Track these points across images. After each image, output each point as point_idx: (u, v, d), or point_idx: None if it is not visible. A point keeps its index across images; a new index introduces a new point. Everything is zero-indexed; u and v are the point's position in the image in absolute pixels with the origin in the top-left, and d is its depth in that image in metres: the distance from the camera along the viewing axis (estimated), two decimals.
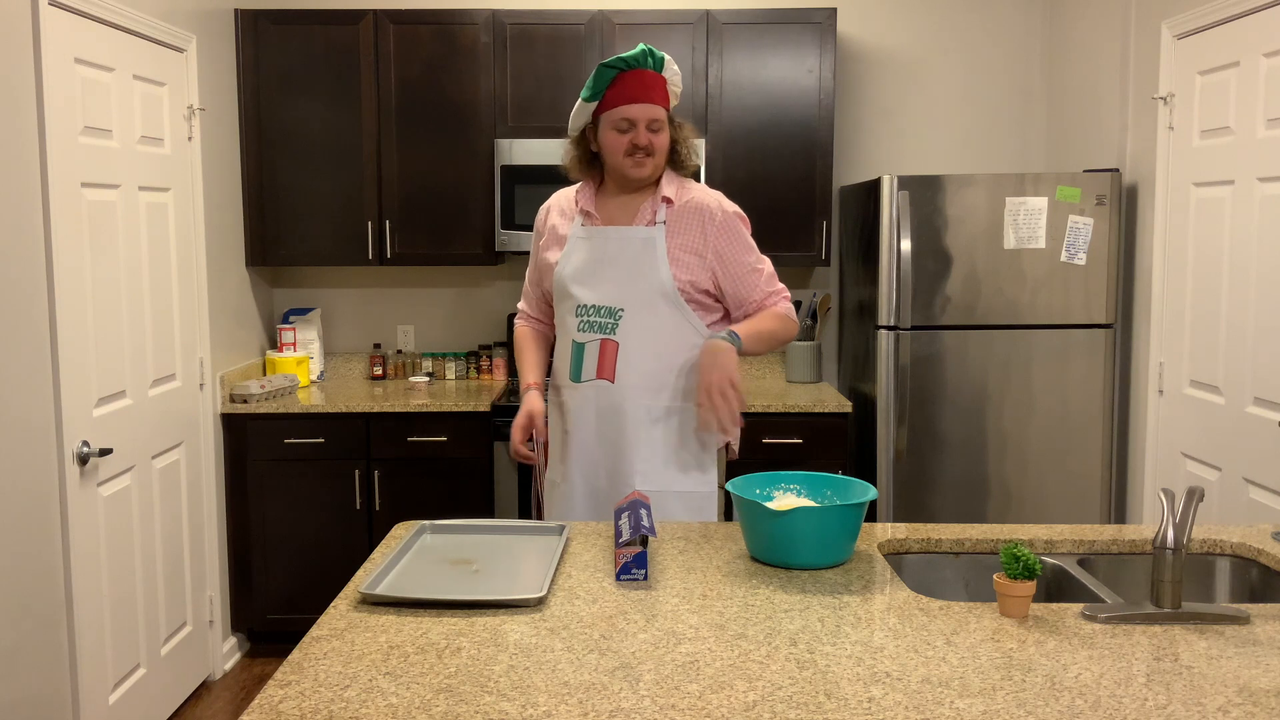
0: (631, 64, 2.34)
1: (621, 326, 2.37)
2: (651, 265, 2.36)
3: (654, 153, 2.37)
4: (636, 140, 2.34)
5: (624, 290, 2.37)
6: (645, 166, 2.37)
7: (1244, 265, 3.10)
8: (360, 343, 4.58)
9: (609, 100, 2.35)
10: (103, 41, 3.08)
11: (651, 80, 2.36)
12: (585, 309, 2.40)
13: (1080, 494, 3.80)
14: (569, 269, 2.42)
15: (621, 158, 2.36)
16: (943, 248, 3.72)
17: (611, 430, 2.40)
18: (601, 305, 2.38)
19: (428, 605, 1.71)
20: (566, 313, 2.44)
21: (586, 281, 2.40)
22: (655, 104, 2.35)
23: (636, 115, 2.33)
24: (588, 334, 2.40)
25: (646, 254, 2.37)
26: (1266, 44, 2.99)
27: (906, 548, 2.10)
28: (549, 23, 4.06)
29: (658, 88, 2.37)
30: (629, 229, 2.40)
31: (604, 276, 2.39)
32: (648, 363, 2.38)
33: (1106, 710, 1.35)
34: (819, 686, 1.42)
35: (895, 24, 4.44)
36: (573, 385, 2.43)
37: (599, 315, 2.38)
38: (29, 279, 2.71)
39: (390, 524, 3.89)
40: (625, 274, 2.38)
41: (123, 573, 3.18)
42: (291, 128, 4.12)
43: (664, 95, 2.39)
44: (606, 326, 2.38)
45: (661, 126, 2.37)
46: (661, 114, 2.37)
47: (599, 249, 2.40)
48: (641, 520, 1.88)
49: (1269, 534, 2.14)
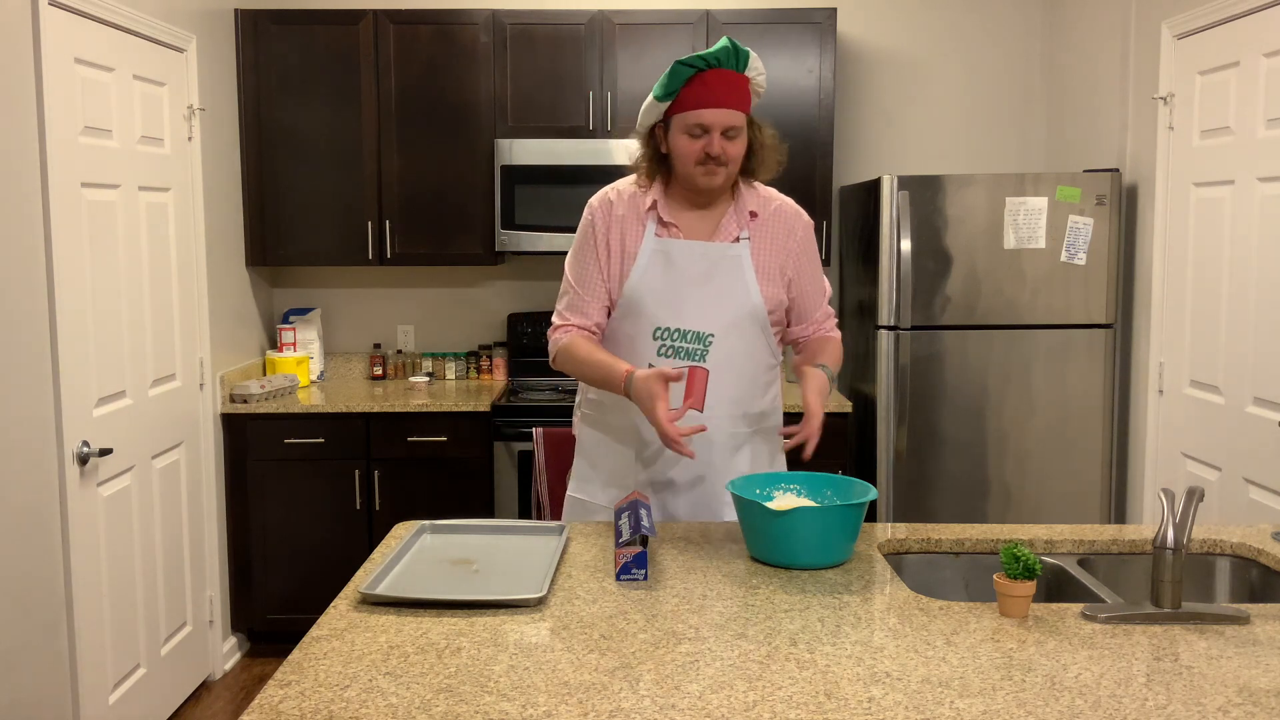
0: (712, 62, 2.11)
1: (712, 353, 2.18)
2: (742, 287, 2.20)
3: (728, 162, 2.15)
4: (710, 149, 2.12)
5: (712, 314, 2.19)
6: (717, 176, 2.15)
7: (1244, 265, 3.10)
8: (360, 343, 4.58)
9: (683, 100, 2.12)
10: (103, 41, 3.08)
11: (733, 81, 2.12)
12: (669, 333, 2.19)
13: (1080, 494, 3.80)
14: (645, 285, 2.19)
15: (692, 166, 2.15)
16: (943, 248, 3.72)
17: (699, 459, 2.18)
18: (689, 330, 2.18)
19: (428, 605, 1.71)
20: (638, 333, 2.21)
21: (669, 302, 2.19)
22: (734, 109, 2.12)
23: (712, 121, 2.11)
24: (672, 360, 2.19)
25: (735, 275, 2.20)
26: (1266, 44, 2.99)
27: (906, 548, 2.10)
28: (549, 23, 4.06)
29: (739, 90, 2.14)
30: (714, 245, 2.21)
31: (690, 298, 2.19)
32: (735, 390, 2.22)
33: (1106, 710, 1.35)
34: (819, 686, 1.42)
35: (895, 24, 4.44)
36: None
37: (685, 340, 2.18)
38: (29, 279, 2.71)
39: (390, 524, 3.89)
40: (713, 296, 2.19)
41: (123, 573, 3.18)
42: (291, 128, 4.12)
43: (745, 98, 2.15)
44: (695, 353, 2.18)
45: (739, 134, 2.14)
46: (740, 120, 2.14)
47: (683, 267, 2.19)
48: (641, 520, 1.88)
49: (1269, 534, 2.14)
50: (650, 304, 2.19)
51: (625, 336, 2.24)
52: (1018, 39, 4.43)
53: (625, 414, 2.24)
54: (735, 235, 2.22)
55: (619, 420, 2.28)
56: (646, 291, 2.20)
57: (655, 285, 2.19)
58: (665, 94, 2.14)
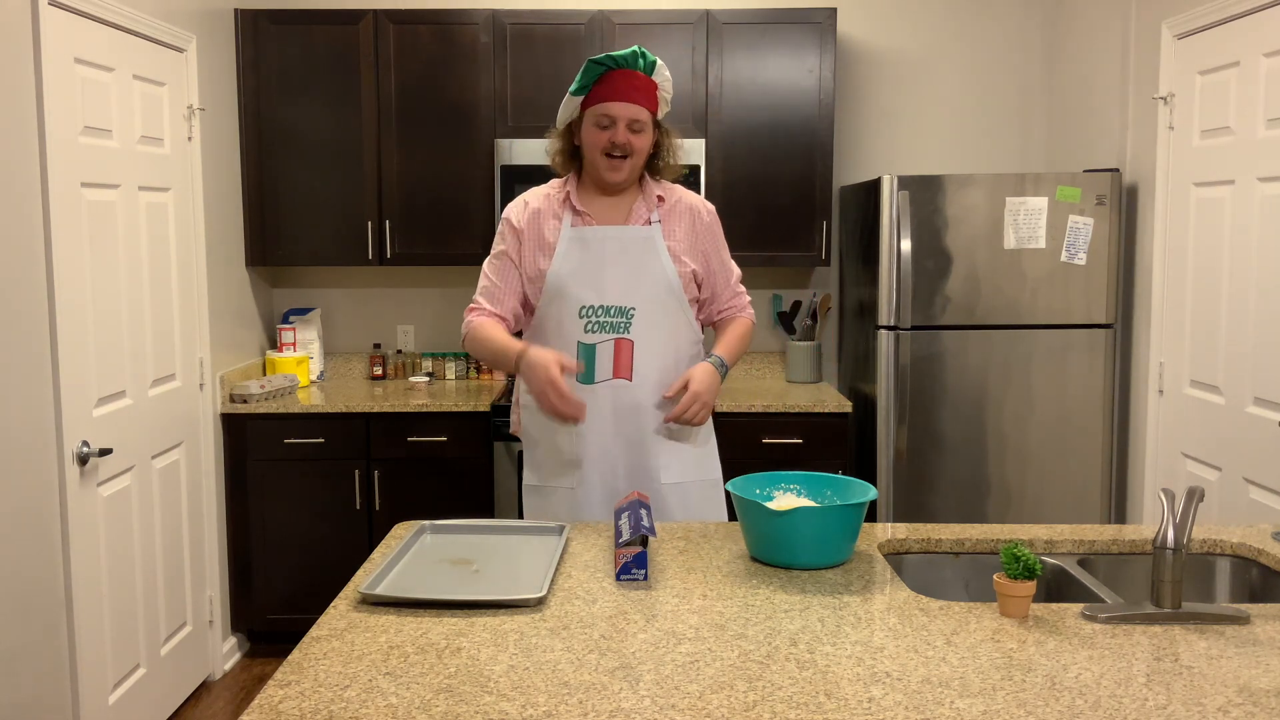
0: (621, 63, 2.32)
1: (634, 325, 2.37)
2: (656, 263, 2.39)
3: (631, 153, 2.35)
4: (615, 138, 2.32)
5: (632, 289, 2.37)
6: (620, 171, 2.36)
7: (1244, 265, 3.10)
8: (360, 343, 4.58)
9: (594, 96, 2.34)
10: (103, 41, 3.08)
11: (639, 82, 2.34)
12: (593, 309, 2.37)
13: (1080, 494, 3.80)
14: (566, 269, 2.38)
15: (599, 156, 2.35)
16: (943, 248, 3.72)
17: (631, 429, 2.40)
18: (611, 305, 2.37)
19: (428, 605, 1.71)
20: (565, 315, 2.39)
21: (589, 282, 2.37)
22: (639, 104, 2.33)
23: (618, 113, 2.32)
24: (598, 334, 2.37)
25: (649, 252, 2.39)
26: (1266, 44, 2.99)
27: (906, 548, 2.10)
28: (549, 23, 4.06)
29: (645, 90, 2.35)
30: (627, 228, 2.40)
31: (609, 276, 2.37)
32: (661, 360, 2.40)
33: (1106, 710, 1.35)
34: (819, 686, 1.42)
35: (895, 24, 4.44)
36: (585, 387, 2.37)
37: (609, 315, 2.37)
38: (29, 279, 2.71)
39: (390, 524, 3.89)
40: (631, 273, 2.38)
41: (123, 573, 3.18)
42: (291, 128, 4.12)
43: (651, 98, 2.37)
44: (619, 326, 2.37)
45: (643, 128, 2.35)
46: (644, 115, 2.34)
47: (598, 249, 2.38)
48: (641, 520, 1.88)
49: (1269, 534, 2.14)
50: (572, 285, 2.38)
51: (553, 319, 2.41)
52: (1018, 39, 4.43)
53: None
54: (646, 219, 2.43)
55: None
56: (568, 275, 2.38)
57: (575, 268, 2.38)
58: (579, 88, 2.35)
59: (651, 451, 2.42)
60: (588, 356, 2.38)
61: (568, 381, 2.27)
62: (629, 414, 2.39)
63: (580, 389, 2.37)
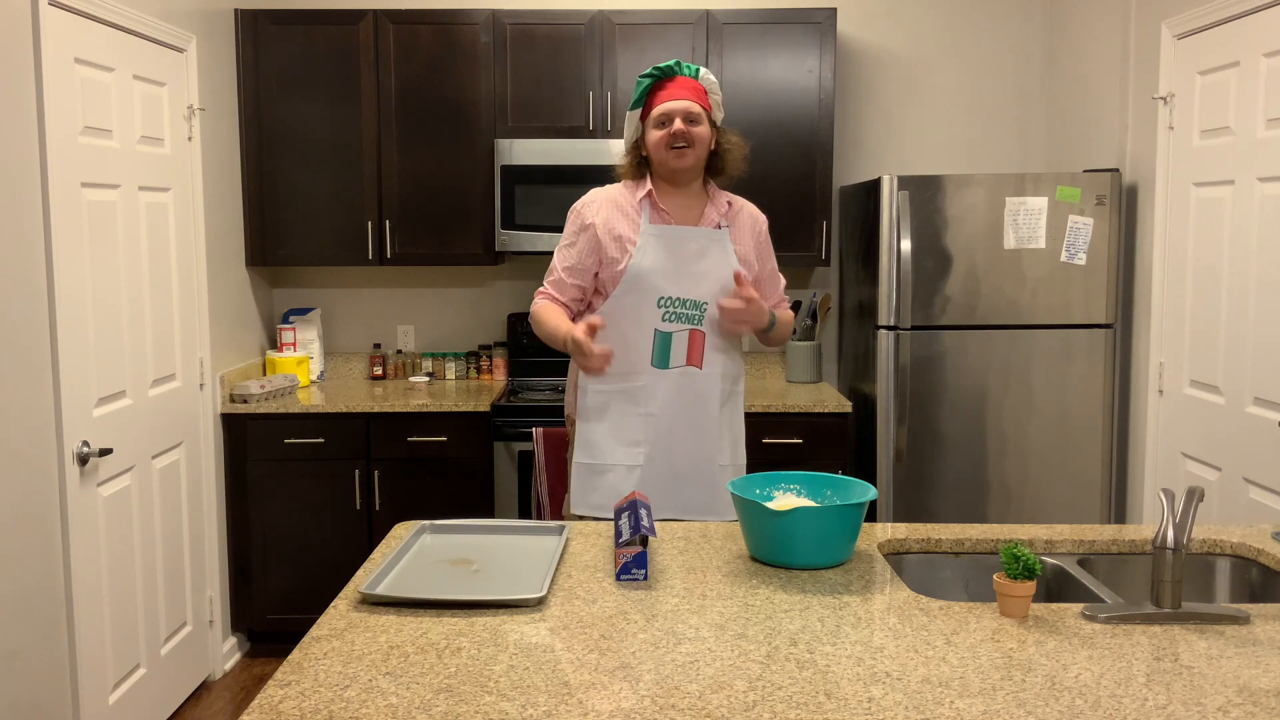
0: (665, 72, 2.56)
1: (706, 318, 2.59)
2: (726, 264, 2.59)
3: (693, 143, 2.52)
4: (673, 130, 2.51)
5: (704, 285, 2.58)
6: (686, 157, 2.53)
7: (1244, 265, 3.10)
8: (360, 343, 4.58)
9: (649, 104, 2.57)
10: (103, 41, 3.08)
11: (685, 83, 2.56)
12: (670, 300, 2.56)
13: (1080, 494, 3.80)
14: (648, 262, 2.55)
15: (664, 151, 2.53)
16: (943, 248, 3.72)
17: (698, 414, 2.61)
18: (687, 298, 2.57)
19: (428, 605, 1.71)
20: (643, 304, 2.56)
21: (669, 275, 2.56)
22: (690, 100, 2.53)
23: (671, 109, 2.52)
24: (675, 324, 2.58)
25: (721, 254, 2.60)
26: (1266, 44, 2.99)
27: (906, 548, 2.10)
28: (549, 23, 4.06)
29: (691, 88, 2.56)
30: (702, 230, 2.60)
31: (686, 271, 2.57)
32: (725, 354, 2.64)
33: (1106, 710, 1.35)
34: (819, 686, 1.42)
35: (895, 24, 4.44)
36: (657, 371, 2.58)
37: (685, 307, 2.57)
38: (29, 279, 2.71)
39: (390, 524, 3.89)
40: (705, 270, 2.58)
41: (123, 573, 3.18)
42: (291, 128, 4.12)
43: (700, 95, 2.56)
44: (694, 318, 2.58)
45: (699, 120, 2.53)
46: (697, 109, 2.53)
47: (677, 246, 2.58)
48: (641, 520, 1.88)
49: (1269, 534, 2.14)
50: (654, 277, 2.56)
51: (630, 307, 2.57)
52: (1018, 39, 4.43)
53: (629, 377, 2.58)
54: (717, 223, 2.63)
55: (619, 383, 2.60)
56: (649, 267, 2.56)
57: (657, 261, 2.56)
58: (636, 103, 2.60)
59: (713, 437, 2.63)
60: (663, 343, 2.58)
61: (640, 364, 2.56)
62: (696, 400, 2.60)
63: (650, 373, 2.58)
